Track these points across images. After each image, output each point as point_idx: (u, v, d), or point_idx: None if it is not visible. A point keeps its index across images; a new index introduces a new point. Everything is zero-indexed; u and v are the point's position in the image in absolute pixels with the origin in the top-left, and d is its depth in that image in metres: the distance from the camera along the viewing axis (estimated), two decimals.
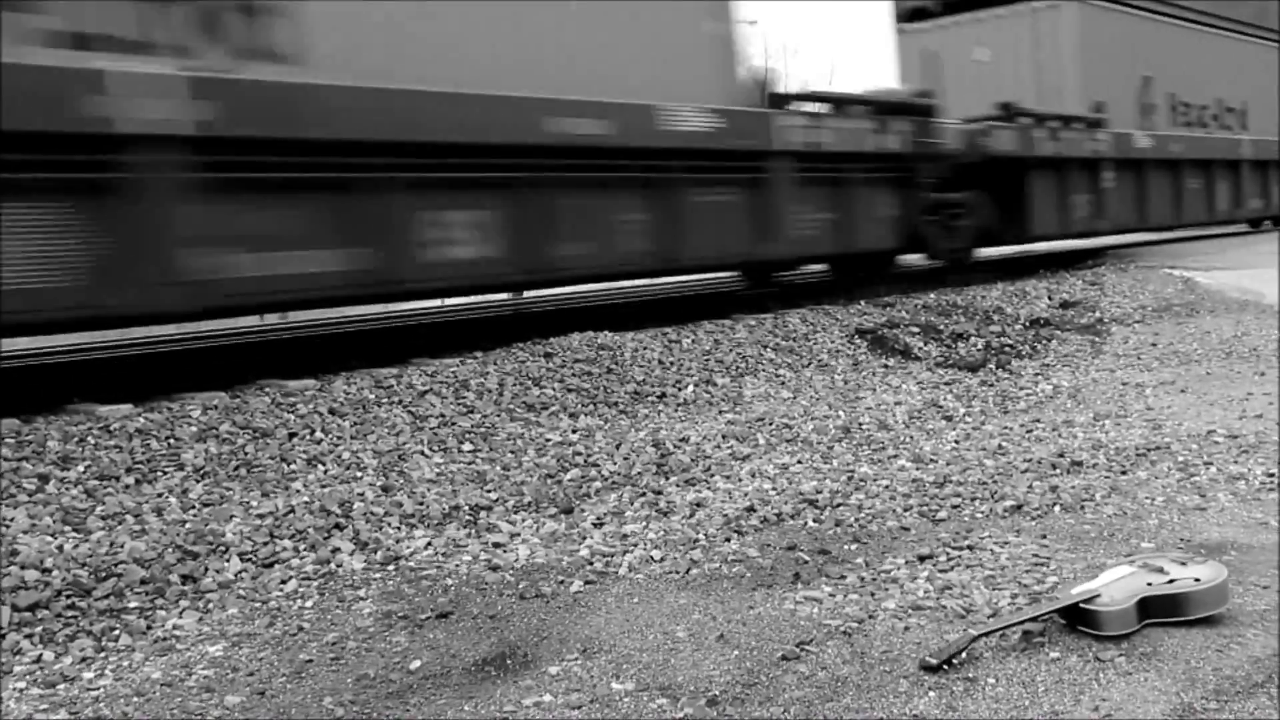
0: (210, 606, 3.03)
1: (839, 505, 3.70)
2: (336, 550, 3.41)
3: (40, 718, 2.37)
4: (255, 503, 3.85)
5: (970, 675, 2.27)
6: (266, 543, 3.44)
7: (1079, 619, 2.46)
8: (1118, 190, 13.52)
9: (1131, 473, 3.92)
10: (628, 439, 4.80)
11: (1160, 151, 14.41)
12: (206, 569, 3.23)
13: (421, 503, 3.86)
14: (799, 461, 4.41)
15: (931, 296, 9.28)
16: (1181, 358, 6.81)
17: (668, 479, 4.22)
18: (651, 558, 3.24)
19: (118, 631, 2.85)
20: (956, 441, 4.66)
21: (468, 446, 4.76)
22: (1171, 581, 2.51)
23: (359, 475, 4.25)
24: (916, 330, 7.75)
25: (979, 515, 3.51)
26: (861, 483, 3.96)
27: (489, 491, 4.05)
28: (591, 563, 3.23)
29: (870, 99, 10.26)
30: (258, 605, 3.03)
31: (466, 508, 3.84)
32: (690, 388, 6.02)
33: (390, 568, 3.31)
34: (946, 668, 2.31)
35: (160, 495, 3.92)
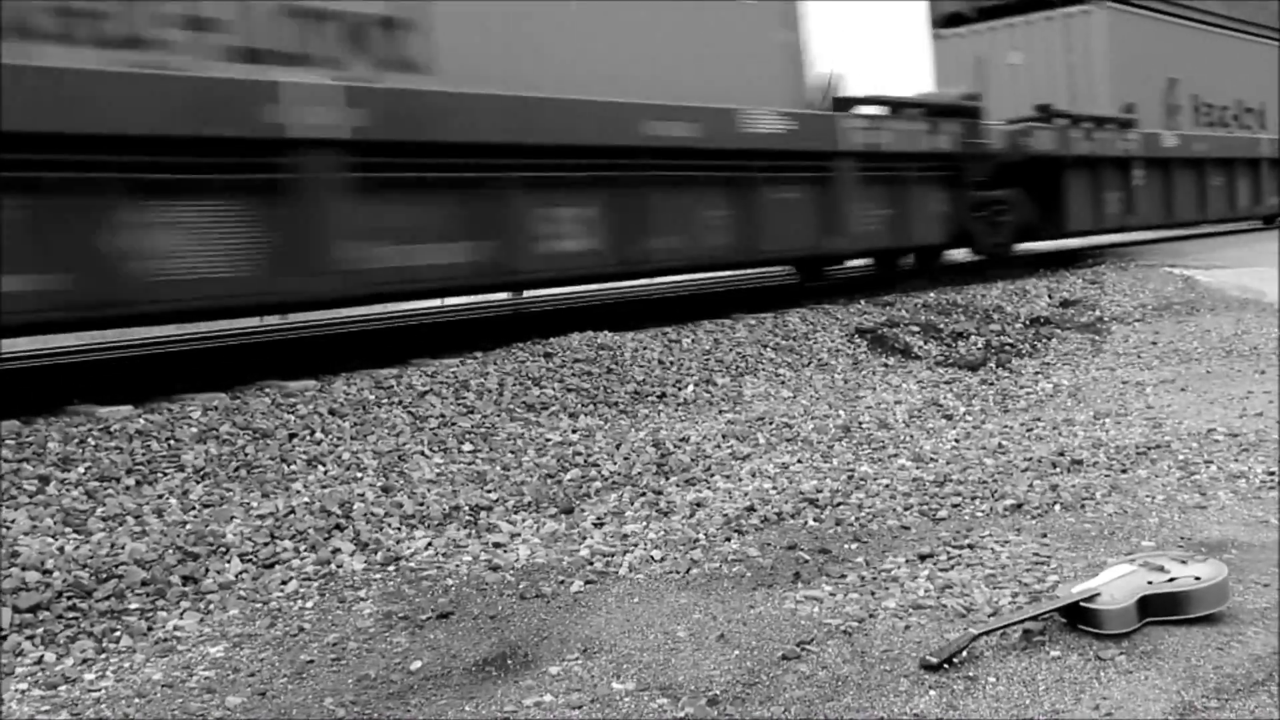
0: (211, 607, 3.03)
1: (839, 504, 3.70)
2: (337, 551, 3.41)
3: (42, 719, 2.37)
4: (256, 504, 3.85)
5: (971, 674, 2.28)
6: (267, 543, 3.44)
7: (1079, 617, 2.46)
8: (1147, 188, 13.87)
9: (1132, 471, 3.92)
10: (628, 439, 4.80)
11: (1186, 150, 14.78)
12: (207, 570, 3.24)
13: (422, 503, 3.86)
14: (799, 461, 4.41)
15: (931, 296, 9.29)
16: (1182, 356, 6.81)
17: (668, 479, 4.22)
18: (652, 557, 3.24)
19: (119, 633, 2.85)
20: (957, 440, 4.66)
21: (468, 447, 4.76)
22: (1172, 580, 2.51)
23: (359, 476, 4.25)
24: (916, 329, 7.76)
25: (979, 514, 3.51)
26: (862, 482, 3.96)
27: (489, 492, 4.04)
28: (592, 563, 3.23)
29: (924, 102, 10.65)
30: (258, 606, 3.03)
31: (467, 508, 3.84)
32: (690, 387, 6.02)
33: (391, 568, 3.31)
34: (947, 666, 2.31)
35: (161, 496, 3.92)
